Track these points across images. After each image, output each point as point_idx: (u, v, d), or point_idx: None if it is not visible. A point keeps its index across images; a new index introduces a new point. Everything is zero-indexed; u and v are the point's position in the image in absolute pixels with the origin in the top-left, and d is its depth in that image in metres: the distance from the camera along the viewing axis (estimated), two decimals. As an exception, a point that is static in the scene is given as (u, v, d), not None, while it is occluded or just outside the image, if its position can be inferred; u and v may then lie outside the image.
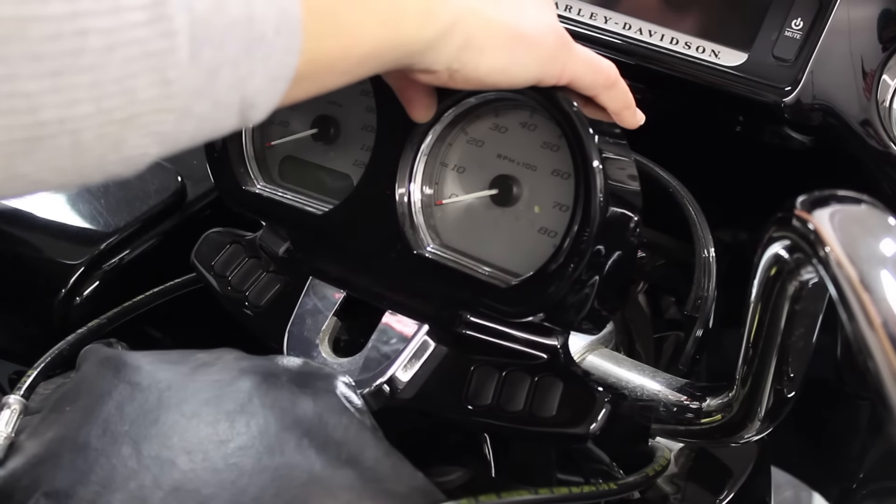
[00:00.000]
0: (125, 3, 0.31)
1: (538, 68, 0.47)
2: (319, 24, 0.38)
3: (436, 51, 0.44)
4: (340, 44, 0.40)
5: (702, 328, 0.59)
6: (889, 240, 0.37)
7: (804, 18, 0.62)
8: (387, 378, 0.53)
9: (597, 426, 0.49)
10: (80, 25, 0.30)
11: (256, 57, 0.35)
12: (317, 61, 0.39)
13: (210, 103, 0.34)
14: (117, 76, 0.31)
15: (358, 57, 0.41)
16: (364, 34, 0.41)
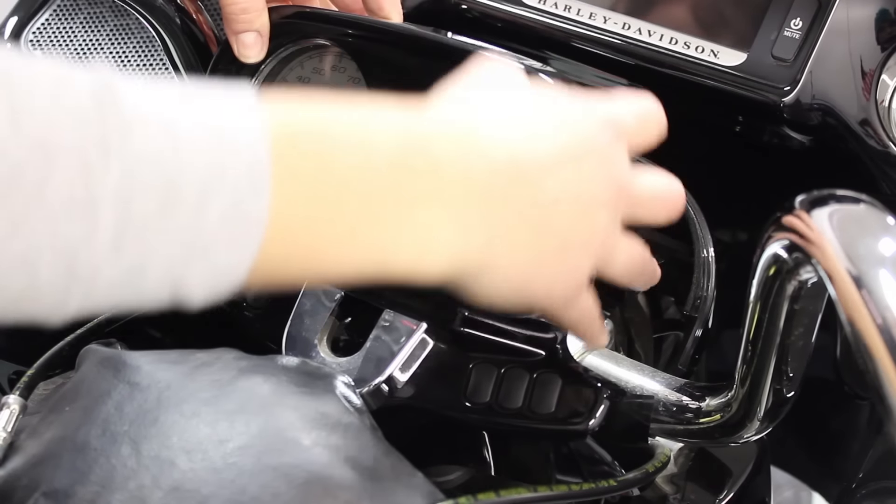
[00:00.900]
0: (50, 190, 0.29)
1: (527, 309, 0.43)
2: (283, 251, 0.33)
3: (420, 277, 0.38)
4: (304, 268, 0.35)
5: (701, 328, 0.59)
6: (888, 239, 0.37)
7: (803, 18, 0.62)
8: (385, 377, 0.53)
9: (595, 422, 0.49)
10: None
11: (196, 264, 0.32)
12: (273, 273, 0.34)
13: (130, 294, 0.32)
14: (17, 258, 0.29)
15: (323, 279, 0.38)
16: (334, 268, 0.36)
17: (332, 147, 0.34)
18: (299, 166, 0.33)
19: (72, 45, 0.79)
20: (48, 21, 0.79)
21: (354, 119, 0.36)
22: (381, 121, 0.36)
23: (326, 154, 0.34)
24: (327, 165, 0.34)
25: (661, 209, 0.45)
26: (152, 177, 0.30)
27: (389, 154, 0.35)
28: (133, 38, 0.77)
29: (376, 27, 0.54)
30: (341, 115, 0.35)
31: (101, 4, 0.77)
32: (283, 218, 0.33)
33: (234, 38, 0.57)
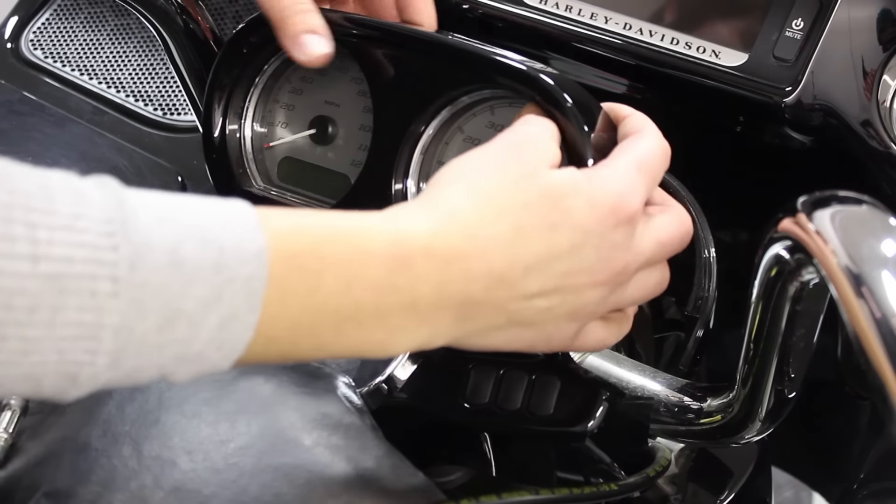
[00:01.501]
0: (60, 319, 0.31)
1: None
2: (267, 347, 0.36)
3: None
4: (284, 358, 0.39)
5: (702, 328, 0.59)
6: (890, 240, 0.37)
7: (805, 19, 0.61)
8: (385, 377, 0.53)
9: (594, 423, 0.49)
10: (1, 332, 0.30)
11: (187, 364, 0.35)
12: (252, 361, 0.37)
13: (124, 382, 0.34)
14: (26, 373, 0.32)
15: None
16: (313, 357, 0.39)
17: (324, 268, 0.36)
18: (292, 286, 0.36)
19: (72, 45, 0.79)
20: (48, 21, 0.79)
21: (346, 239, 0.37)
22: (370, 240, 0.38)
23: (318, 274, 0.36)
24: (317, 285, 0.36)
25: (675, 247, 0.46)
26: (156, 303, 0.32)
27: (376, 276, 0.38)
28: (133, 38, 0.77)
29: (379, 27, 0.54)
30: (336, 235, 0.37)
31: (101, 4, 0.77)
32: (270, 328, 0.35)
33: (292, 41, 0.52)
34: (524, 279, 0.40)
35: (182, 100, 0.79)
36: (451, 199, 0.41)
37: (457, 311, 0.39)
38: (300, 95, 0.59)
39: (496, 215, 0.40)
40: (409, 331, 0.39)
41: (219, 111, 0.58)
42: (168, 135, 0.79)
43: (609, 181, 0.42)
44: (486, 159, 0.42)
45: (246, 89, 0.58)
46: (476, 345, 0.42)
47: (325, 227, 0.37)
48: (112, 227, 0.32)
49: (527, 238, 0.40)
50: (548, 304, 0.41)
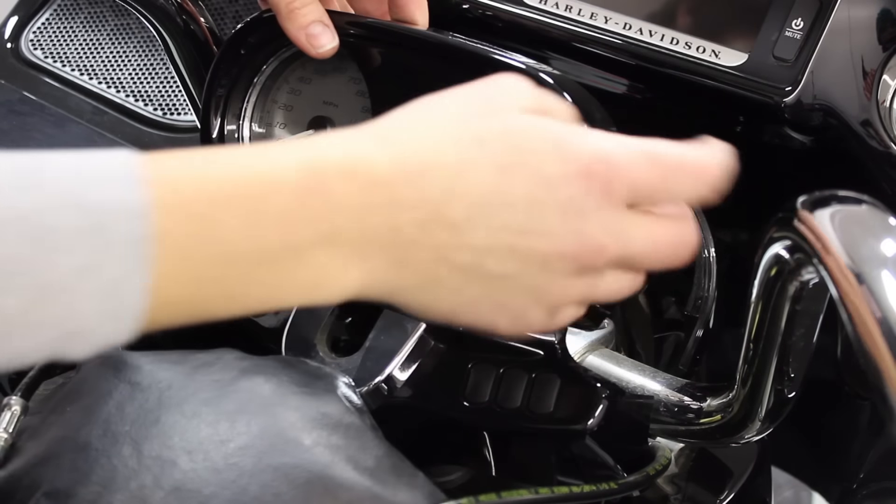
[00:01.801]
0: None
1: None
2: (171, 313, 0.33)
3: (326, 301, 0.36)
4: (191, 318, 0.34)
5: (702, 328, 0.59)
6: (890, 240, 0.37)
7: (804, 18, 0.62)
8: (385, 376, 0.53)
9: (594, 422, 0.50)
10: None
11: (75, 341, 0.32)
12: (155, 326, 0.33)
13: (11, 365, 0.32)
14: None
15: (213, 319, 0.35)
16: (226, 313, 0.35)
17: (221, 210, 0.33)
18: (187, 238, 0.32)
19: (72, 45, 0.79)
20: (48, 21, 0.79)
21: (246, 173, 0.34)
22: (276, 169, 0.34)
23: (215, 220, 0.33)
24: (216, 232, 0.33)
25: (664, 260, 0.40)
26: (12, 281, 0.29)
27: (284, 207, 0.33)
28: (133, 38, 0.77)
29: (377, 27, 0.54)
30: (233, 171, 0.34)
31: (101, 4, 0.77)
32: (170, 289, 0.32)
33: (302, 33, 0.52)
34: (467, 223, 0.35)
35: (182, 100, 0.79)
36: (391, 125, 0.36)
37: (389, 250, 0.35)
38: (298, 96, 0.59)
39: (439, 145, 0.35)
40: (334, 271, 0.34)
41: (217, 111, 0.58)
42: (168, 135, 0.79)
43: (595, 139, 0.37)
44: (451, 95, 0.37)
45: (244, 90, 0.58)
46: (423, 305, 0.37)
47: (222, 164, 0.33)
48: None
49: (472, 173, 0.35)
50: (502, 270, 0.36)
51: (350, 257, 0.35)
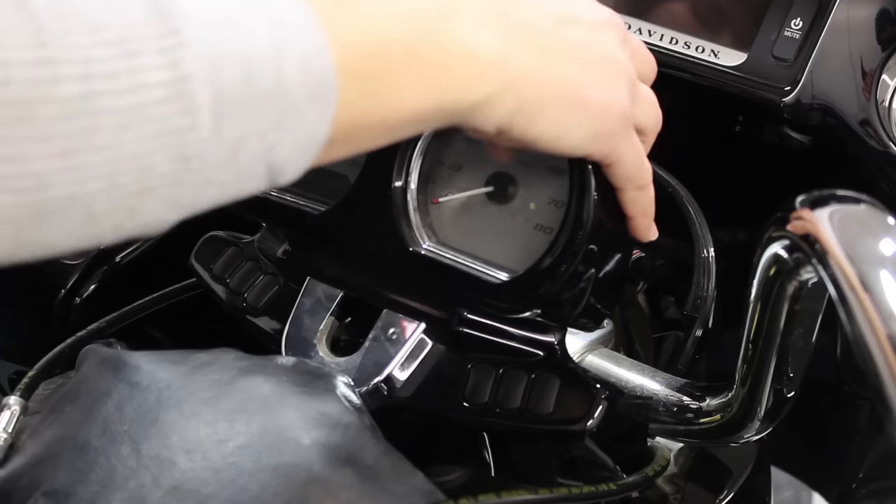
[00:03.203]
0: (145, 81, 0.30)
1: (590, 143, 0.45)
2: (357, 90, 0.36)
3: (484, 113, 0.41)
4: (379, 109, 0.38)
5: (701, 328, 0.59)
6: (888, 239, 0.37)
7: (804, 18, 0.62)
8: (384, 377, 0.53)
9: (594, 422, 0.49)
10: (93, 106, 0.29)
11: (286, 127, 0.34)
12: (352, 127, 0.37)
13: (233, 172, 0.33)
14: (132, 153, 0.31)
15: (398, 121, 0.39)
16: (405, 99, 0.38)
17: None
18: (342, 17, 0.36)
19: None
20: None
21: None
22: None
23: (359, 2, 0.37)
24: (362, 11, 0.37)
25: (654, 113, 0.49)
26: (227, 52, 0.32)
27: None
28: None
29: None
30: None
31: None
32: (346, 64, 0.35)
33: None
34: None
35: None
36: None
37: (500, 16, 0.41)
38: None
39: None
40: (471, 34, 0.40)
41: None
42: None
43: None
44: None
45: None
46: (548, 82, 0.42)
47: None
48: (155, 2, 0.31)
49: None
50: (577, 35, 0.44)
51: (481, 27, 0.40)
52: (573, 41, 0.44)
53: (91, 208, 0.31)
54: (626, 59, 0.46)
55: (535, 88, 0.42)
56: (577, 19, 0.44)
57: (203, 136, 0.32)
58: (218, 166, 0.33)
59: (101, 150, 0.30)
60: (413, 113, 0.39)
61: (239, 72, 0.32)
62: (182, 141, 0.31)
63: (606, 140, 0.46)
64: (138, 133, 0.30)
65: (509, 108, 0.42)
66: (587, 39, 0.44)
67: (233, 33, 0.32)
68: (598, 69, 0.44)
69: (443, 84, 0.39)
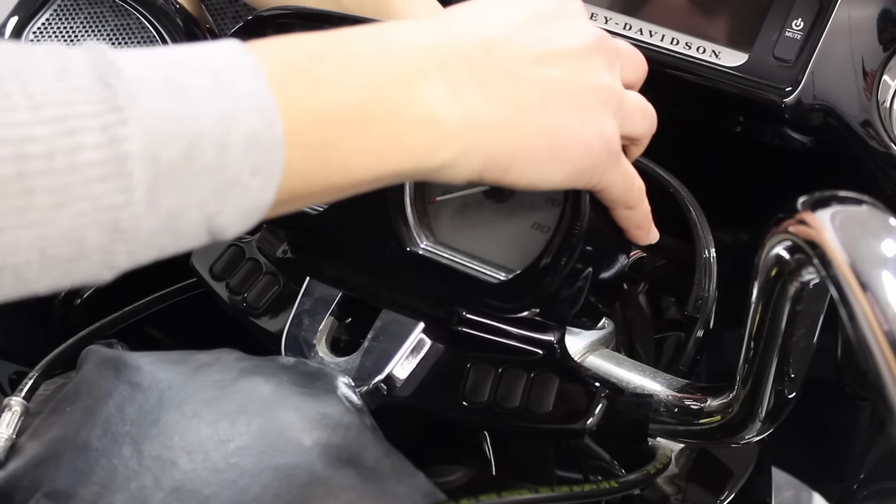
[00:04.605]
0: (82, 160, 0.30)
1: (572, 180, 0.44)
2: (306, 159, 0.35)
3: (448, 173, 0.40)
4: (329, 175, 0.37)
5: (702, 329, 0.59)
6: (890, 240, 0.37)
7: (805, 19, 0.62)
8: (384, 376, 0.53)
9: (593, 421, 0.49)
10: (27, 185, 0.30)
11: (227, 197, 0.34)
12: (299, 192, 0.36)
13: (171, 237, 0.33)
14: (65, 229, 0.31)
15: (349, 185, 0.38)
16: (359, 166, 0.37)
17: (321, 59, 0.37)
18: (297, 85, 0.36)
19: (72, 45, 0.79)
20: (48, 21, 0.79)
21: (333, 35, 0.38)
22: (359, 29, 0.39)
23: (317, 68, 0.36)
24: (321, 77, 0.36)
25: (645, 120, 0.48)
26: (170, 127, 0.32)
27: (372, 46, 0.38)
28: (133, 38, 0.77)
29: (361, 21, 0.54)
30: (322, 37, 0.38)
31: (101, 4, 0.77)
32: (297, 134, 0.35)
33: None
34: (511, 36, 0.41)
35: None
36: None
37: (470, 72, 0.40)
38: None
39: (479, 5, 0.43)
40: (434, 101, 0.38)
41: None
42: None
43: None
44: None
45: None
46: (526, 143, 0.41)
47: (312, 34, 0.38)
48: (101, 71, 0.32)
49: (506, 12, 0.43)
50: (559, 72, 0.42)
51: (443, 88, 0.39)
52: (552, 81, 0.42)
53: (22, 275, 0.31)
54: (612, 82, 0.44)
55: (505, 144, 0.41)
56: (558, 53, 0.42)
57: (138, 212, 0.32)
58: (154, 233, 0.33)
59: (33, 226, 0.30)
60: (366, 178, 0.38)
61: (181, 148, 0.32)
62: (116, 216, 0.31)
63: (590, 175, 0.45)
64: (71, 210, 0.31)
65: (476, 167, 0.41)
66: (568, 75, 0.42)
67: (179, 108, 0.32)
68: (580, 105, 0.43)
69: (400, 152, 0.38)
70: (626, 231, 0.51)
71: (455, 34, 0.41)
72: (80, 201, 0.30)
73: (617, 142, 0.45)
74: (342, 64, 0.37)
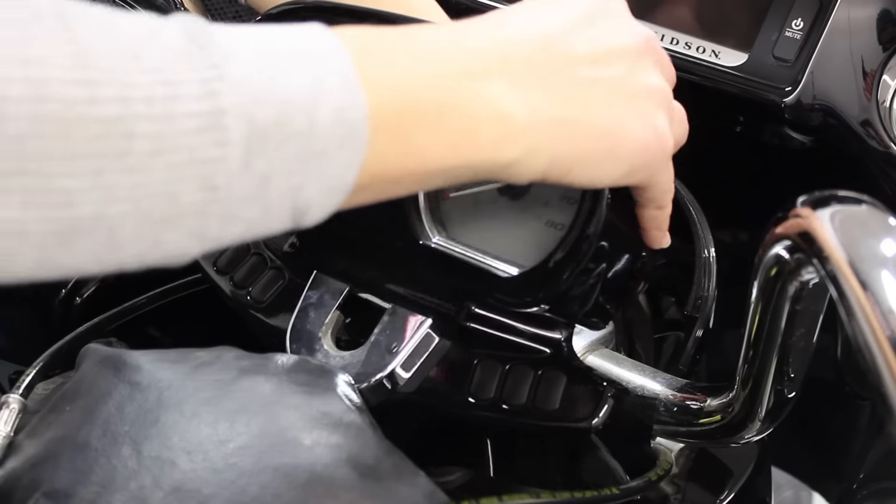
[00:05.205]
0: (181, 110, 0.31)
1: (627, 178, 0.45)
2: (386, 143, 0.36)
3: (515, 170, 0.41)
4: (407, 162, 0.38)
5: (702, 328, 0.59)
6: (889, 240, 0.37)
7: (804, 19, 0.62)
8: (388, 372, 0.53)
9: (599, 420, 0.49)
10: (127, 128, 0.30)
11: (314, 169, 0.34)
12: (380, 176, 0.37)
13: (260, 209, 0.34)
14: (161, 179, 0.31)
15: (426, 174, 0.39)
16: (434, 155, 0.38)
17: (396, 50, 0.38)
18: (378, 72, 0.36)
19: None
20: (49, 20, 0.79)
21: (398, 30, 0.39)
22: (421, 28, 0.40)
23: (394, 58, 0.37)
24: (398, 67, 0.37)
25: (684, 125, 0.48)
26: (262, 92, 0.32)
27: (440, 43, 0.39)
28: (133, 38, 0.77)
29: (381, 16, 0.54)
30: (390, 30, 0.39)
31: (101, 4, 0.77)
32: (379, 118, 0.36)
33: None
34: (565, 37, 0.42)
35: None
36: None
37: (534, 74, 0.40)
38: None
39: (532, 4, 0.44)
40: (501, 97, 0.39)
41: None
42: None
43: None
44: None
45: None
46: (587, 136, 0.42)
47: (380, 27, 0.39)
48: (194, 35, 0.32)
49: (539, 15, 0.43)
50: (612, 72, 0.43)
51: (511, 87, 0.40)
52: (610, 81, 0.43)
53: (116, 232, 0.31)
54: (663, 83, 0.45)
55: (570, 143, 0.42)
56: (613, 53, 0.43)
57: (232, 169, 0.32)
58: (244, 200, 0.33)
59: (131, 172, 0.30)
60: (441, 168, 0.39)
61: (273, 112, 0.33)
62: (211, 171, 0.32)
63: (643, 172, 0.45)
64: (169, 160, 0.31)
65: (542, 165, 0.41)
66: (624, 75, 0.43)
67: (270, 75, 0.33)
68: (639, 105, 0.44)
69: (472, 145, 0.39)
70: (646, 232, 0.51)
71: (514, 34, 0.41)
72: (177, 151, 0.31)
73: (670, 142, 0.45)
74: (416, 56, 0.38)
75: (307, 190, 0.35)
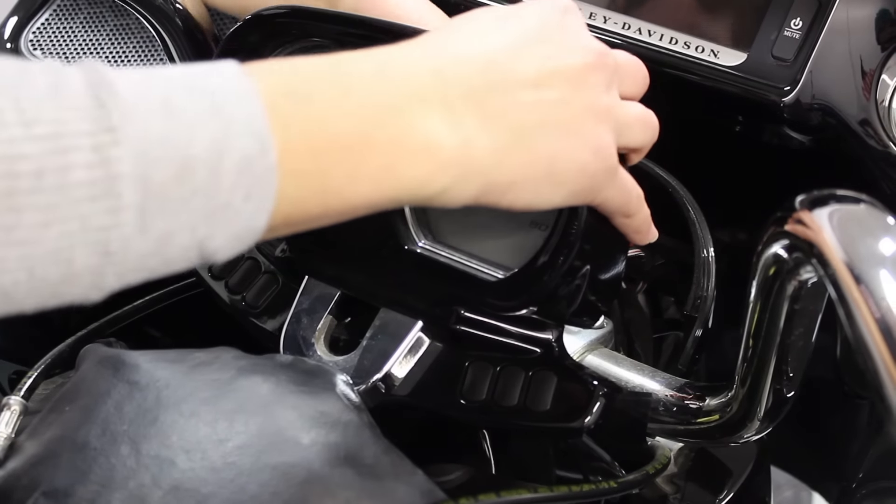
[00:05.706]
0: (72, 180, 0.30)
1: (569, 200, 0.44)
2: (300, 185, 0.35)
3: (445, 198, 0.40)
4: (324, 201, 0.37)
5: (701, 328, 0.59)
6: (888, 239, 0.37)
7: (803, 18, 0.62)
8: (382, 375, 0.53)
9: (591, 420, 0.49)
10: (15, 203, 0.29)
11: (220, 221, 0.33)
12: (293, 217, 0.36)
13: (161, 261, 0.33)
14: (52, 249, 0.30)
15: (346, 211, 0.38)
16: (355, 192, 0.37)
17: (317, 86, 0.36)
18: (293, 111, 0.35)
19: (72, 45, 0.79)
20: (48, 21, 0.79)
21: (329, 59, 0.38)
22: (354, 55, 0.39)
23: (313, 95, 0.36)
24: (317, 104, 0.36)
25: (646, 131, 0.47)
26: (162, 150, 0.32)
27: (368, 73, 0.38)
28: (133, 38, 0.77)
29: (375, 25, 0.54)
30: (316, 61, 0.38)
31: (101, 4, 0.77)
32: (291, 161, 0.35)
33: None
34: (510, 59, 0.41)
35: (181, 100, 0.79)
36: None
37: (467, 98, 0.39)
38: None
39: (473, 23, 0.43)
40: (432, 130, 0.38)
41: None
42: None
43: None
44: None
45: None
46: (523, 169, 0.41)
47: (308, 59, 0.38)
48: (96, 89, 0.31)
49: (510, 24, 0.42)
50: (558, 94, 0.42)
51: (442, 116, 0.38)
52: (550, 104, 0.42)
53: (10, 295, 0.31)
54: (609, 100, 0.44)
55: (502, 170, 0.41)
56: (558, 74, 0.42)
57: (127, 234, 0.31)
58: (144, 256, 0.33)
59: (20, 245, 0.30)
60: (364, 204, 0.38)
61: (174, 169, 0.32)
62: (105, 238, 0.31)
63: (586, 194, 0.45)
64: (61, 229, 0.30)
65: (472, 192, 0.41)
66: (566, 97, 0.42)
67: (172, 130, 0.32)
68: (577, 127, 0.42)
69: (396, 180, 0.38)
70: (625, 235, 0.51)
71: (454, 56, 0.40)
72: (68, 221, 0.30)
73: (613, 157, 0.45)
74: (338, 91, 0.37)
75: (213, 240, 0.34)
